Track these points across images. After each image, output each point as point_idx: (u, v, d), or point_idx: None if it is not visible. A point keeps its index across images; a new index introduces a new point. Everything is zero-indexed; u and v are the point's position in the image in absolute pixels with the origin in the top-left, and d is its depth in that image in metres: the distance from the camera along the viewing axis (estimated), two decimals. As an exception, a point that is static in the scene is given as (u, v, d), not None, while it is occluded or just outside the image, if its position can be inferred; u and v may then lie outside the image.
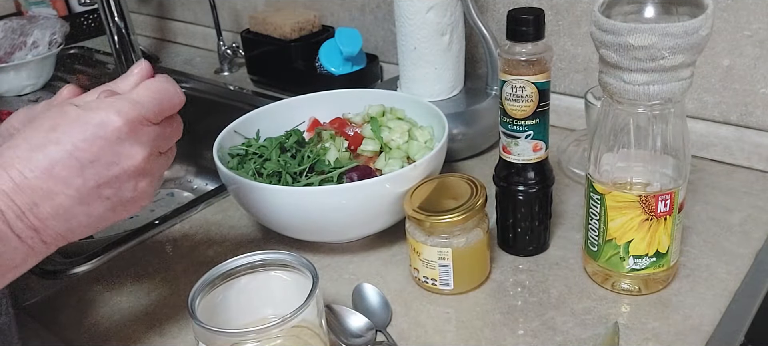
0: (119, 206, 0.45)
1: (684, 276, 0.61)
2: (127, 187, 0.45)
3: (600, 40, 0.51)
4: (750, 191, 0.73)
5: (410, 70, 0.85)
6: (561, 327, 0.56)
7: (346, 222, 0.65)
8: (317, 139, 0.75)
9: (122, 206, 0.46)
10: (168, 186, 1.18)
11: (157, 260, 0.71)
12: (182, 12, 1.43)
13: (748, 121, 0.76)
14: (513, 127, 0.60)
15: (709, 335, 0.54)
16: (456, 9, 0.81)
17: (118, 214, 0.46)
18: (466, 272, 0.60)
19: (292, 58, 1.07)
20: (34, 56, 1.22)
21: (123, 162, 0.44)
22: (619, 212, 0.55)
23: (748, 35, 0.73)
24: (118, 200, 0.45)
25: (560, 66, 0.89)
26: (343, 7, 1.11)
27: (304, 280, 0.48)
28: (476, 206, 0.58)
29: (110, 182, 0.44)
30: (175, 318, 0.62)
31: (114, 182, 0.44)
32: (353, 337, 0.56)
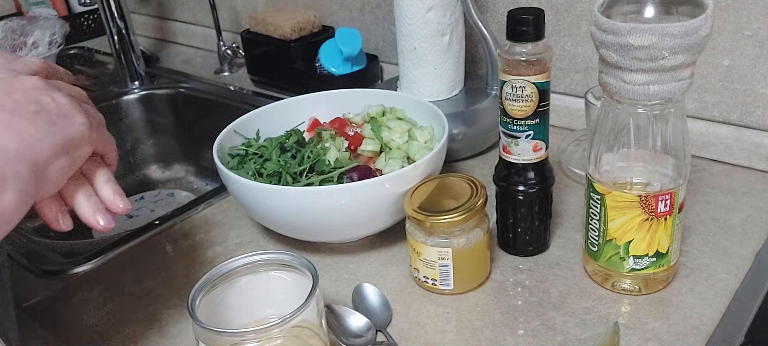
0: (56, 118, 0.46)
1: (684, 276, 0.61)
2: (44, 100, 0.46)
3: (600, 40, 0.51)
4: (750, 191, 0.73)
5: (410, 70, 0.85)
6: (561, 327, 0.56)
7: (346, 222, 0.65)
8: (317, 139, 0.75)
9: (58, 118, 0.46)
10: (168, 186, 1.18)
11: (157, 260, 0.71)
12: (182, 12, 1.43)
13: (748, 121, 0.76)
14: (513, 127, 0.60)
15: (709, 334, 0.54)
16: (456, 9, 0.81)
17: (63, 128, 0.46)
18: (466, 272, 0.60)
19: (292, 58, 1.07)
20: (34, 56, 1.22)
21: (18, 85, 0.46)
22: (619, 212, 0.55)
23: (748, 35, 0.73)
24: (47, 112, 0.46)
25: (560, 66, 0.89)
26: (343, 7, 1.11)
27: (304, 280, 0.48)
28: (476, 206, 0.58)
29: (23, 98, 0.45)
30: (175, 318, 0.62)
31: (26, 96, 0.46)
32: (353, 337, 0.56)
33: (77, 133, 0.47)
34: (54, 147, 0.45)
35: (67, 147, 0.46)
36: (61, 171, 0.46)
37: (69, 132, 0.46)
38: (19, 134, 0.44)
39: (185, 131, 1.20)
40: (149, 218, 0.79)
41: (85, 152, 0.49)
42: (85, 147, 0.48)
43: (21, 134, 0.44)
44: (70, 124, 0.47)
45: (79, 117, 0.48)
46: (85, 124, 0.48)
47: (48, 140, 0.45)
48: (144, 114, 1.21)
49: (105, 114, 1.23)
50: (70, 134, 0.46)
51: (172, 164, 1.21)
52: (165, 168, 1.21)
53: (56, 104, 0.47)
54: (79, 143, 0.48)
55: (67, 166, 0.47)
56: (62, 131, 0.46)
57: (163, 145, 1.21)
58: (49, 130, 0.45)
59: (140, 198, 1.14)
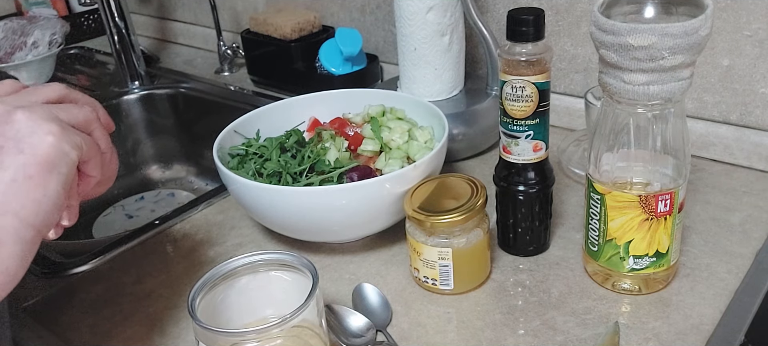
0: (20, 143, 0.43)
1: (684, 276, 0.61)
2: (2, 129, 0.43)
3: (600, 40, 0.51)
4: (750, 191, 0.73)
5: (410, 70, 0.85)
6: (561, 327, 0.56)
7: (346, 222, 0.65)
8: (317, 139, 0.75)
9: (22, 141, 0.43)
10: (168, 186, 1.18)
11: (157, 260, 0.71)
12: (182, 12, 1.43)
13: (748, 121, 0.76)
14: (513, 127, 0.60)
15: (709, 334, 0.54)
16: (456, 9, 0.81)
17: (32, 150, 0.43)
18: (466, 272, 0.60)
19: (292, 58, 1.07)
20: (34, 56, 1.22)
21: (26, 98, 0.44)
22: (619, 211, 0.55)
23: (748, 35, 0.73)
24: (11, 140, 0.43)
25: (560, 66, 0.89)
26: (343, 7, 1.11)
27: (304, 280, 0.48)
28: (476, 206, 0.58)
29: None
30: (175, 318, 0.62)
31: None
32: (353, 337, 0.56)
33: (49, 149, 0.43)
34: (32, 179, 0.42)
35: (47, 169, 0.43)
36: (56, 195, 0.43)
37: (39, 152, 0.43)
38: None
39: (185, 131, 1.20)
40: (149, 218, 0.79)
41: (71, 160, 0.45)
42: (68, 155, 0.44)
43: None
44: (39, 142, 0.43)
45: (44, 128, 0.43)
46: (54, 133, 0.44)
47: (21, 176, 0.42)
48: (144, 114, 1.21)
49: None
50: (43, 153, 0.43)
51: (173, 164, 1.21)
52: (165, 168, 1.21)
53: (16, 128, 0.43)
54: (57, 156, 0.43)
55: (61, 184, 0.44)
56: (33, 157, 0.42)
57: (164, 145, 1.21)
58: (19, 164, 0.42)
59: (140, 198, 1.14)
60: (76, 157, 0.45)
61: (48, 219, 0.43)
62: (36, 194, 0.42)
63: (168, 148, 1.21)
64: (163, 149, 1.21)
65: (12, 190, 0.41)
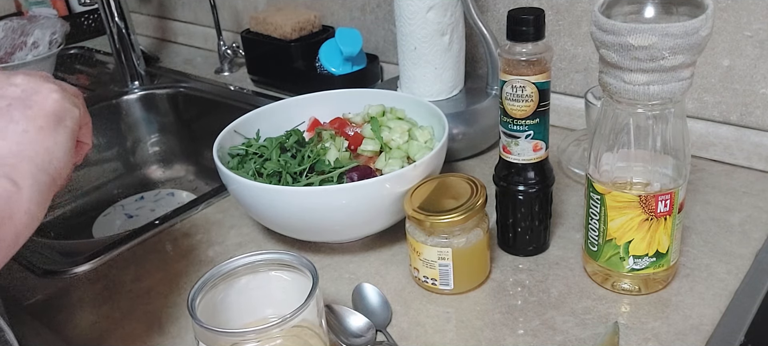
0: (27, 101, 0.46)
1: (684, 276, 0.61)
2: (6, 90, 0.46)
3: (600, 40, 0.51)
4: (750, 191, 0.73)
5: (410, 70, 0.85)
6: (561, 327, 0.56)
7: (346, 222, 0.65)
8: (317, 139, 0.75)
9: (28, 98, 0.46)
10: (168, 186, 1.18)
11: (157, 260, 0.71)
12: (182, 12, 1.43)
13: (748, 121, 0.76)
14: (513, 127, 0.60)
15: (709, 334, 0.54)
16: (456, 9, 0.81)
17: (39, 106, 0.46)
18: (466, 271, 0.60)
19: (292, 58, 1.07)
20: (34, 56, 1.22)
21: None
22: (619, 212, 0.55)
23: (748, 35, 0.73)
24: (16, 99, 0.45)
25: (560, 66, 0.89)
26: (343, 7, 1.11)
27: (304, 280, 0.48)
28: (476, 206, 0.58)
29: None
30: (175, 318, 0.62)
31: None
32: (353, 337, 0.56)
33: (55, 103, 0.46)
34: (43, 131, 0.45)
35: (55, 122, 0.46)
36: (66, 146, 0.46)
37: (46, 106, 0.46)
38: (4, 138, 0.43)
39: (185, 131, 1.20)
40: (149, 218, 0.79)
41: (75, 116, 0.48)
42: (72, 111, 0.47)
43: (6, 137, 0.43)
44: (44, 98, 0.46)
45: (46, 86, 0.47)
46: (57, 91, 0.47)
47: (33, 128, 0.44)
48: (144, 114, 1.21)
49: (105, 114, 1.23)
50: (49, 107, 0.46)
51: (172, 164, 1.21)
52: (165, 168, 1.21)
53: (20, 88, 0.46)
54: (63, 110, 0.47)
55: (68, 137, 0.46)
56: (41, 110, 0.45)
57: (163, 145, 1.21)
58: (29, 117, 0.45)
59: (140, 198, 1.14)
60: (78, 115, 0.48)
61: (60, 167, 0.45)
62: (48, 143, 0.45)
63: (168, 148, 1.21)
64: (163, 149, 1.21)
65: (25, 139, 0.44)
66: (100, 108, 1.17)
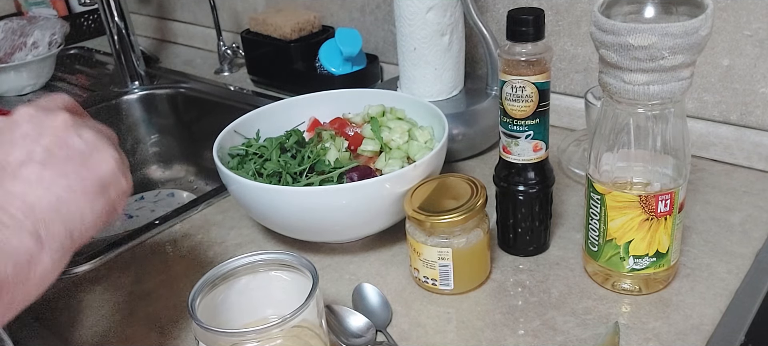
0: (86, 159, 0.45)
1: (684, 276, 0.61)
2: (72, 140, 0.45)
3: (600, 40, 0.51)
4: (750, 191, 0.73)
5: (410, 70, 0.85)
6: (561, 327, 0.56)
7: (346, 222, 0.65)
8: (317, 139, 0.75)
9: (88, 157, 0.45)
10: (168, 186, 1.18)
11: (157, 260, 0.71)
12: (182, 12, 1.43)
13: (748, 121, 0.76)
14: (513, 127, 0.60)
15: (709, 334, 0.54)
16: (456, 9, 0.81)
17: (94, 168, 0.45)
18: (466, 272, 0.60)
19: (292, 58, 1.07)
20: (34, 56, 1.22)
21: (48, 123, 0.45)
22: (619, 212, 0.55)
23: (748, 35, 0.73)
24: (77, 153, 0.45)
25: (560, 66, 0.89)
26: (343, 7, 1.11)
27: (304, 280, 0.48)
28: (476, 206, 0.58)
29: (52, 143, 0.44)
30: (175, 318, 0.62)
31: (55, 140, 0.44)
32: (353, 337, 0.56)
33: (108, 170, 0.46)
34: (87, 194, 0.44)
35: (100, 189, 0.45)
36: (99, 215, 0.45)
37: (100, 171, 0.45)
38: (49, 189, 0.43)
39: (185, 131, 1.20)
40: (149, 218, 0.79)
41: (121, 188, 0.47)
42: (120, 182, 0.47)
43: (52, 189, 0.43)
44: (101, 161, 0.46)
45: (108, 151, 0.46)
46: (115, 158, 0.47)
47: (79, 188, 0.44)
48: (144, 114, 1.21)
49: (105, 114, 1.23)
50: (101, 173, 0.45)
51: (172, 164, 1.21)
52: (165, 168, 1.21)
53: (85, 143, 0.45)
54: (113, 180, 0.46)
55: (105, 207, 0.46)
56: (93, 174, 0.45)
57: (163, 145, 1.21)
58: (80, 176, 0.44)
59: (140, 198, 1.14)
60: (126, 187, 0.48)
61: (85, 235, 0.45)
62: (85, 208, 0.44)
63: (168, 148, 1.21)
64: (163, 149, 1.21)
65: (67, 197, 0.43)
66: (100, 108, 1.17)
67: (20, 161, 0.43)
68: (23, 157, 0.43)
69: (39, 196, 0.42)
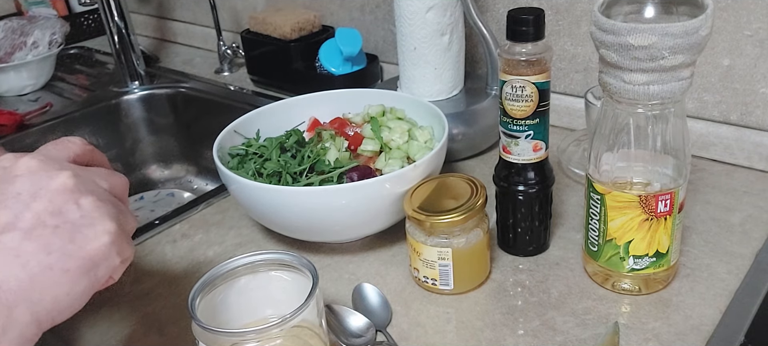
0: (76, 233, 0.40)
1: (684, 276, 0.61)
2: (68, 208, 0.41)
3: (600, 40, 0.51)
4: (750, 191, 0.73)
5: (410, 70, 0.85)
6: (561, 327, 0.56)
7: (346, 222, 0.65)
8: (317, 139, 0.75)
9: (79, 231, 0.41)
10: (168, 186, 1.18)
11: (156, 260, 0.71)
12: (182, 12, 1.43)
13: (748, 121, 0.76)
14: (513, 127, 0.60)
15: (709, 334, 0.54)
16: (456, 9, 0.81)
17: (83, 244, 0.41)
18: (466, 272, 0.60)
19: (292, 58, 1.07)
20: (34, 56, 1.22)
21: (47, 184, 0.41)
22: (619, 212, 0.55)
23: (748, 35, 0.73)
24: (70, 224, 0.40)
25: (560, 66, 0.89)
26: (343, 7, 1.11)
27: (304, 280, 0.48)
28: (476, 206, 0.58)
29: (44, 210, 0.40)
30: (174, 318, 0.62)
31: (48, 206, 0.40)
32: (353, 337, 0.56)
33: (100, 248, 0.41)
34: (67, 274, 0.40)
35: (87, 268, 0.41)
36: (78, 297, 0.41)
37: (89, 249, 0.40)
38: (25, 266, 0.38)
39: (185, 131, 1.20)
40: (149, 218, 0.79)
41: (113, 266, 0.42)
42: (113, 260, 0.42)
43: (27, 266, 0.38)
44: (93, 238, 0.41)
45: (105, 225, 0.41)
46: (111, 233, 0.42)
47: (58, 268, 0.39)
48: (144, 114, 1.21)
49: (105, 114, 1.23)
50: (91, 252, 0.41)
51: (172, 164, 1.21)
52: (165, 168, 1.21)
53: (81, 213, 0.41)
54: (103, 259, 0.41)
55: (89, 287, 0.41)
56: (81, 252, 0.40)
57: (163, 145, 1.21)
58: (65, 253, 0.40)
59: (140, 198, 1.14)
60: (119, 265, 0.43)
61: (57, 318, 0.41)
62: (60, 291, 0.40)
63: (168, 148, 1.21)
64: (162, 149, 1.21)
65: (42, 278, 0.39)
66: (100, 108, 1.17)
67: (3, 225, 0.39)
68: (8, 220, 0.39)
69: (10, 273, 0.38)
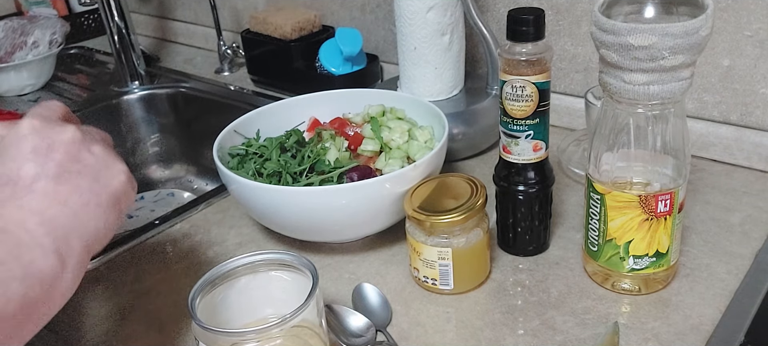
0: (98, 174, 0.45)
1: (684, 276, 0.61)
2: (83, 155, 0.45)
3: (600, 40, 0.51)
4: (750, 191, 0.73)
5: (410, 70, 0.85)
6: (561, 327, 0.56)
7: (346, 222, 0.65)
8: (317, 139, 0.75)
9: (100, 172, 0.45)
10: (168, 186, 1.18)
11: (157, 260, 0.71)
12: (182, 12, 1.43)
13: (748, 121, 0.76)
14: (513, 127, 0.60)
15: (709, 334, 0.54)
16: (456, 9, 0.81)
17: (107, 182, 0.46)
18: (466, 271, 0.60)
19: (292, 58, 1.07)
20: (34, 56, 1.22)
21: (58, 137, 0.45)
22: (619, 211, 0.55)
23: (748, 35, 0.73)
24: (90, 168, 0.45)
25: (560, 66, 0.89)
26: (343, 7, 1.11)
27: (304, 280, 0.48)
28: (476, 206, 0.58)
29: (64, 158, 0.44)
30: (174, 318, 0.62)
31: (66, 155, 0.44)
32: (353, 337, 0.56)
33: (120, 185, 0.46)
34: (100, 208, 0.44)
35: (114, 202, 0.46)
36: (111, 227, 0.46)
37: (112, 186, 0.46)
38: (66, 204, 0.43)
39: (185, 131, 1.20)
40: (149, 218, 0.79)
41: (130, 199, 0.48)
42: (130, 194, 0.48)
43: (68, 204, 0.43)
44: (113, 176, 0.46)
45: (118, 165, 0.47)
46: (126, 172, 0.47)
47: (93, 203, 0.44)
48: (144, 114, 1.21)
49: (105, 114, 1.23)
50: (114, 188, 0.46)
51: (172, 164, 1.21)
52: (165, 168, 1.21)
53: (96, 158, 0.46)
54: (123, 193, 0.47)
55: (117, 219, 0.46)
56: (106, 188, 0.45)
57: (163, 145, 1.21)
58: (93, 192, 0.44)
59: (140, 198, 1.14)
60: (133, 198, 0.48)
61: (97, 248, 0.45)
62: (99, 222, 0.45)
63: (168, 148, 1.21)
64: (162, 149, 1.21)
65: (83, 213, 0.44)
66: (100, 108, 1.17)
67: (33, 176, 0.42)
68: (36, 171, 0.43)
69: (57, 212, 0.42)
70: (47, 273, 0.40)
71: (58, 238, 0.42)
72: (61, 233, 0.42)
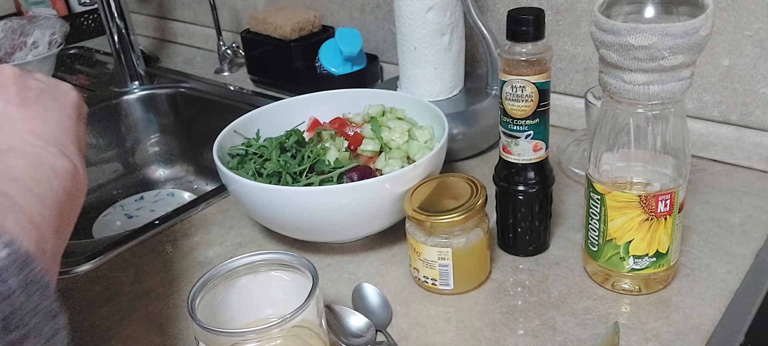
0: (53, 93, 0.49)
1: (684, 276, 0.61)
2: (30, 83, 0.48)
3: (600, 40, 0.51)
4: (750, 191, 0.73)
5: (410, 70, 0.85)
6: (561, 327, 0.56)
7: (346, 222, 0.65)
8: (317, 139, 0.75)
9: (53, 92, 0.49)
10: (168, 186, 1.18)
11: (156, 260, 0.71)
12: (182, 12, 1.43)
13: (748, 121, 0.76)
14: (513, 127, 0.60)
15: (709, 334, 0.54)
16: (456, 9, 0.81)
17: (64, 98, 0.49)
18: (466, 272, 0.60)
19: (292, 58, 1.07)
20: (34, 56, 1.22)
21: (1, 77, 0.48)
22: (619, 211, 0.55)
23: (748, 35, 0.73)
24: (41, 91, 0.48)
25: (560, 66, 0.89)
26: (343, 7, 1.11)
27: (304, 280, 0.48)
28: (476, 206, 0.58)
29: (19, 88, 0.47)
30: (174, 318, 0.62)
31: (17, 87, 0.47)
32: (353, 337, 0.56)
33: (75, 98, 0.50)
34: (71, 119, 0.48)
35: (77, 114, 0.49)
36: (84, 135, 0.50)
37: (69, 99, 0.49)
38: (46, 121, 0.46)
39: (185, 131, 1.20)
40: (149, 218, 0.79)
41: (85, 109, 0.52)
42: (84, 106, 0.52)
43: (47, 120, 0.46)
44: (65, 93, 0.50)
45: (64, 84, 0.51)
46: (73, 88, 0.51)
47: (65, 116, 0.47)
48: (144, 114, 1.21)
49: (105, 114, 1.23)
50: (72, 100, 0.49)
51: (172, 164, 1.21)
52: (165, 168, 1.21)
53: (42, 83, 0.49)
54: (80, 105, 0.51)
55: (84, 128, 0.50)
56: (66, 102, 0.49)
57: (163, 145, 1.21)
58: (58, 107, 0.47)
59: (140, 198, 1.14)
60: (86, 110, 0.53)
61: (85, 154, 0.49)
62: (79, 130, 0.49)
63: (168, 148, 1.21)
64: (162, 149, 1.21)
65: (61, 123, 0.47)
66: (100, 108, 1.17)
67: (3, 109, 0.45)
68: (3, 105, 0.46)
69: (42, 128, 0.45)
70: (69, 171, 0.44)
71: (59, 145, 0.45)
72: (57, 141, 0.45)
